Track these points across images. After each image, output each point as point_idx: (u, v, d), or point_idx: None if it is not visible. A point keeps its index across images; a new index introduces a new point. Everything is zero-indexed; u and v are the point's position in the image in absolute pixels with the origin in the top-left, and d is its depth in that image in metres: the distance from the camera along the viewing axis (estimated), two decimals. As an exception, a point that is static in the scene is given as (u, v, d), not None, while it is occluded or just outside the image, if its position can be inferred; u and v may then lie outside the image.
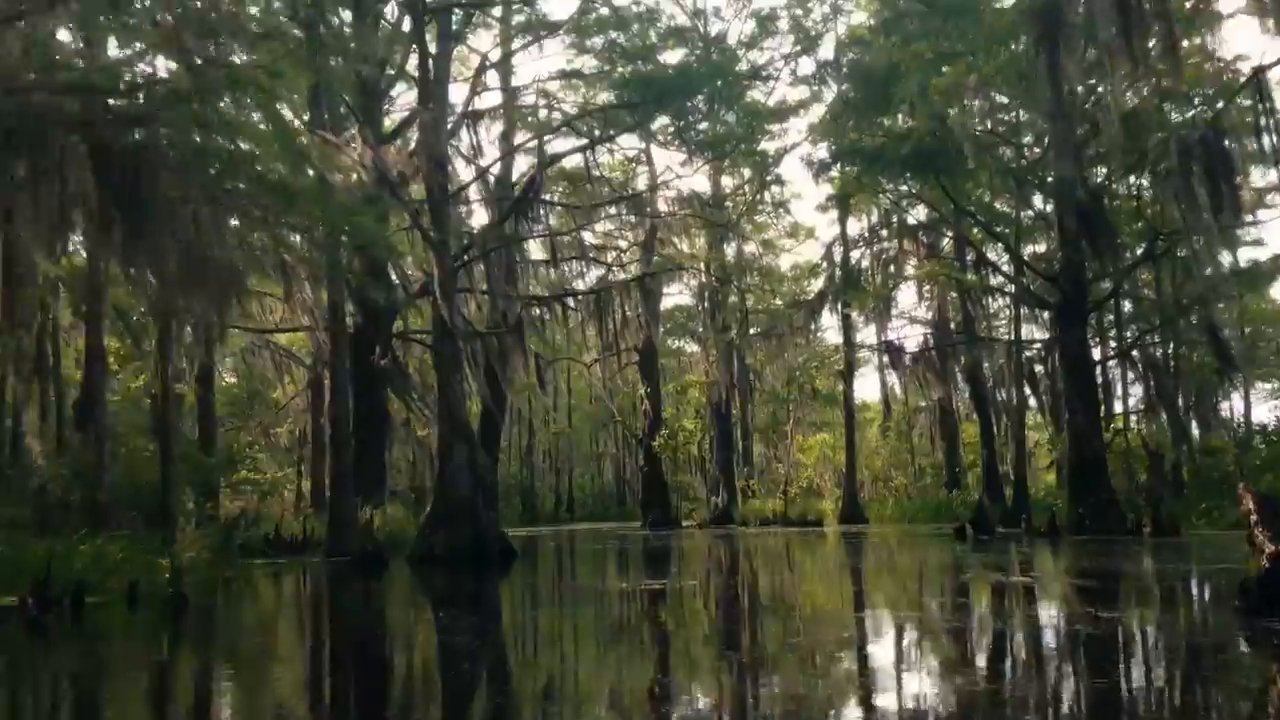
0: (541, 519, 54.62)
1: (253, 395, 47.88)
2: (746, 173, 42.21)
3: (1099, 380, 27.59)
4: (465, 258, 25.25)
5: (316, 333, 28.83)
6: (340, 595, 14.78)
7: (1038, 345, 28.62)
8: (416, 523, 23.91)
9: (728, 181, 43.54)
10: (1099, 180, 23.64)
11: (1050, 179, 24.23)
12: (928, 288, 41.56)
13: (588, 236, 37.54)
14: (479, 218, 32.42)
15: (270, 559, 21.79)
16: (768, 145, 40.53)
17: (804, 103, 40.59)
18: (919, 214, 36.63)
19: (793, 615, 9.63)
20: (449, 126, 28.03)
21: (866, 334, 42.32)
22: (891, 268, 39.58)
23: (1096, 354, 28.02)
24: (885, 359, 55.60)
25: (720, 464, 42.99)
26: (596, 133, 26.03)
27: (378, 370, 27.19)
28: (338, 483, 22.49)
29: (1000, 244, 28.28)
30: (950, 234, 32.98)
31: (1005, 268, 31.36)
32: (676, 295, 75.57)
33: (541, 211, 28.77)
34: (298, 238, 18.61)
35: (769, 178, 36.61)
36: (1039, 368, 33.13)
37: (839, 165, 25.12)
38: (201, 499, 26.98)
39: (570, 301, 30.58)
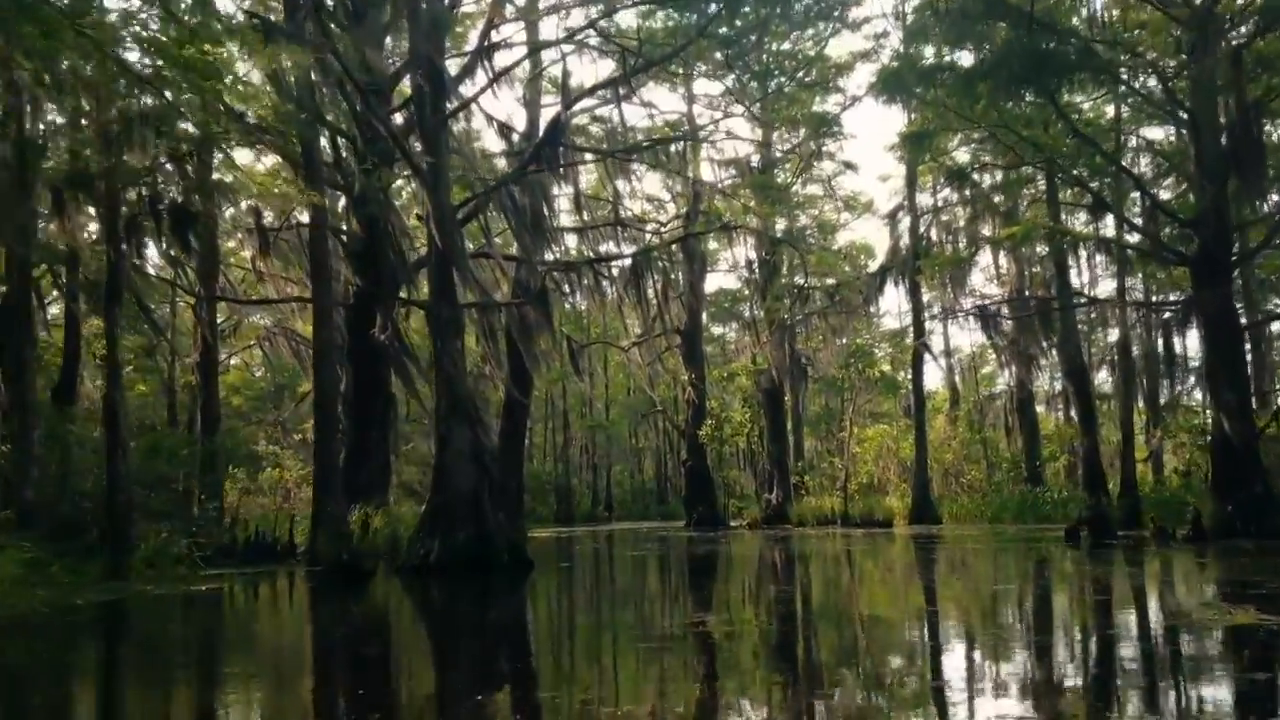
0: (578, 518, 50.69)
1: (281, 389, 44.59)
2: (801, 133, 37.93)
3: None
4: (473, 205, 21.24)
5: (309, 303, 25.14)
6: (247, 635, 10.73)
7: (1172, 307, 23.85)
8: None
9: (776, 153, 39.24)
10: (1253, 99, 19.01)
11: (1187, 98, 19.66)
12: (1004, 259, 37.04)
13: (623, 206, 33.51)
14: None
15: (240, 568, 17.97)
16: (825, 103, 36.57)
17: (867, 53, 36.36)
18: (978, 177, 32.51)
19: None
20: (459, 68, 24.13)
21: (928, 315, 37.58)
22: (962, 239, 35.16)
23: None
24: (947, 343, 50.98)
25: (773, 457, 38.62)
26: (630, 63, 21.87)
27: (379, 346, 23.29)
28: (322, 478, 18.51)
29: (1114, 182, 23.63)
30: (1041, 172, 28.24)
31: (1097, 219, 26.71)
32: (722, 276, 71.49)
33: (569, 166, 24.67)
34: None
35: (829, 130, 32.18)
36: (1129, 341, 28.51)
37: (920, 92, 20.65)
38: (208, 498, 23.76)
39: (603, 268, 26.46)
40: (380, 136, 21.12)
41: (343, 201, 26.71)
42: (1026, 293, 34.16)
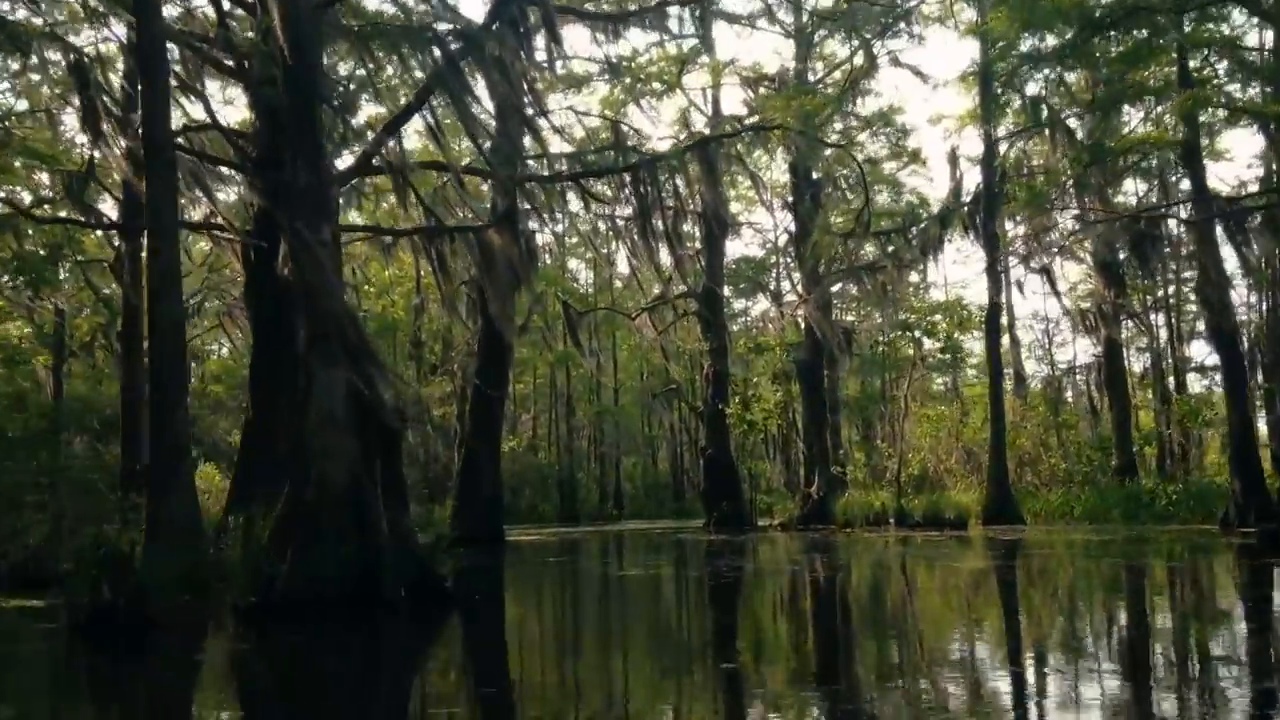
0: (585, 516, 44.23)
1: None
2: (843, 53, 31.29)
3: None
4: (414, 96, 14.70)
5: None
6: None
7: None
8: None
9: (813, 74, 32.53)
10: None
11: None
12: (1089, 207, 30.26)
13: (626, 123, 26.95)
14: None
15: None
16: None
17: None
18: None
19: None
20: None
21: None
22: (1040, 177, 28.43)
23: None
24: (1011, 311, 43.76)
25: (811, 444, 31.91)
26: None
27: (284, 288, 16.70)
28: (160, 469, 11.77)
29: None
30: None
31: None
32: (744, 245, 64.41)
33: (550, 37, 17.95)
34: None
35: (894, 26, 25.52)
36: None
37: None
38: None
39: (592, 185, 19.93)
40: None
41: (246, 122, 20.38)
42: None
